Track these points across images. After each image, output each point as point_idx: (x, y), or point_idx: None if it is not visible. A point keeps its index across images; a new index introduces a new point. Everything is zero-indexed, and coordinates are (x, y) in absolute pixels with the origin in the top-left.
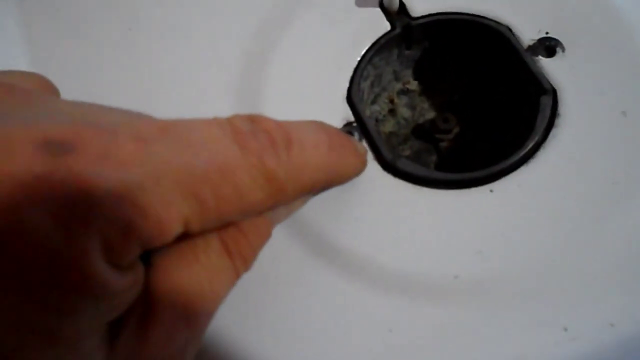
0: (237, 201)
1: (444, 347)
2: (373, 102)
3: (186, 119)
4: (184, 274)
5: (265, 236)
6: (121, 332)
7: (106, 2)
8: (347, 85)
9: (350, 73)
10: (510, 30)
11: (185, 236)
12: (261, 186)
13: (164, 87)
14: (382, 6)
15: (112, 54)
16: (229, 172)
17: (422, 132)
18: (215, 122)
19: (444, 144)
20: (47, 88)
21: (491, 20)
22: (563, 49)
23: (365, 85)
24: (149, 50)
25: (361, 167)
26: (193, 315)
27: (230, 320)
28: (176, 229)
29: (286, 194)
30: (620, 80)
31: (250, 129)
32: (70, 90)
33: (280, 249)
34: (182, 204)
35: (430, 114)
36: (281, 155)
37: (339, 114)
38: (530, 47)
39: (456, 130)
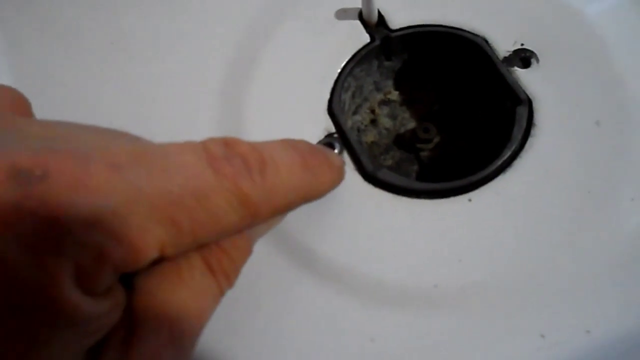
0: (212, 225)
1: (425, 355)
2: (355, 112)
3: (160, 144)
4: (168, 295)
5: (246, 253)
6: (102, 357)
7: (89, 16)
8: (328, 96)
9: (331, 84)
10: (486, 41)
11: (161, 259)
12: (236, 210)
13: (147, 100)
14: (361, 19)
15: (94, 67)
16: (204, 196)
17: (403, 142)
18: (190, 146)
19: (424, 154)
20: (18, 103)
21: (468, 32)
22: (538, 60)
23: (346, 96)
24: (131, 62)
25: (338, 181)
26: (179, 337)
27: (213, 331)
28: (151, 253)
29: (261, 216)
30: (594, 91)
31: (225, 153)
32: (52, 104)
33: (261, 259)
34: (157, 229)
35: (412, 124)
36: (255, 179)
37: (321, 125)
38: (506, 59)
39: (436, 140)
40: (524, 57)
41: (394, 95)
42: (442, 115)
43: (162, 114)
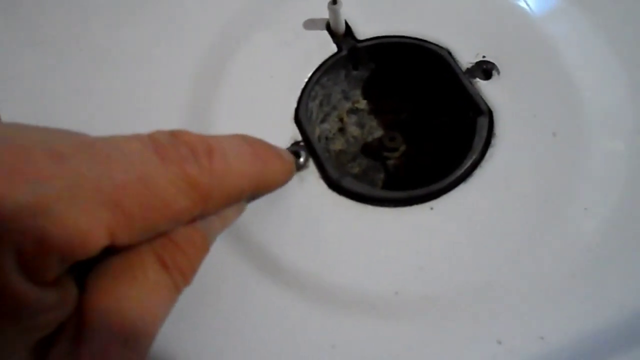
0: (163, 210)
1: None
2: (323, 120)
3: (106, 136)
4: (119, 292)
5: (202, 249)
6: (51, 352)
7: (58, 23)
8: (295, 105)
9: (298, 93)
10: (450, 53)
11: (117, 253)
12: (185, 194)
13: (114, 108)
14: (329, 29)
15: (63, 74)
16: (151, 181)
17: (370, 150)
18: (135, 137)
19: (391, 162)
20: None
21: (432, 43)
22: (498, 72)
23: (313, 105)
24: (100, 71)
25: (288, 174)
26: (132, 336)
27: (173, 337)
28: (100, 239)
29: (212, 201)
30: (551, 103)
31: (171, 141)
32: (19, 110)
33: (223, 266)
34: (103, 213)
35: (379, 133)
36: (203, 163)
37: (287, 133)
38: (468, 70)
39: (403, 148)
40: (485, 69)
41: (362, 104)
42: (408, 125)
43: (130, 122)
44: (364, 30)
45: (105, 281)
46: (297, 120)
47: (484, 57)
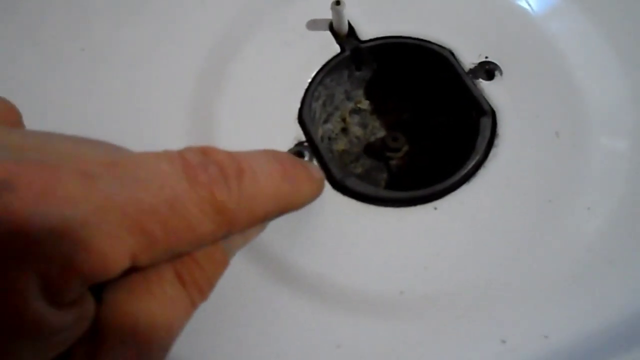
0: (187, 234)
1: None
2: (326, 121)
3: (138, 153)
4: (135, 307)
5: (222, 265)
6: None
7: (58, 23)
8: (298, 105)
9: (301, 94)
10: (452, 54)
11: (135, 269)
12: (211, 218)
13: (117, 110)
14: (332, 30)
15: (65, 74)
16: (178, 205)
17: (373, 150)
18: (165, 155)
19: (394, 162)
20: (7, 113)
21: (435, 44)
22: (501, 73)
23: (317, 105)
24: (101, 71)
25: (317, 193)
26: (146, 350)
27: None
28: (122, 263)
29: (238, 225)
30: (554, 103)
31: (201, 161)
32: (21, 111)
33: (229, 267)
34: (128, 238)
35: (382, 133)
36: (232, 187)
37: (291, 134)
38: (471, 70)
39: (405, 148)
40: (488, 70)
41: (365, 104)
42: (411, 125)
43: (132, 123)
44: (367, 30)
45: (122, 296)
46: (301, 120)
47: (486, 57)
